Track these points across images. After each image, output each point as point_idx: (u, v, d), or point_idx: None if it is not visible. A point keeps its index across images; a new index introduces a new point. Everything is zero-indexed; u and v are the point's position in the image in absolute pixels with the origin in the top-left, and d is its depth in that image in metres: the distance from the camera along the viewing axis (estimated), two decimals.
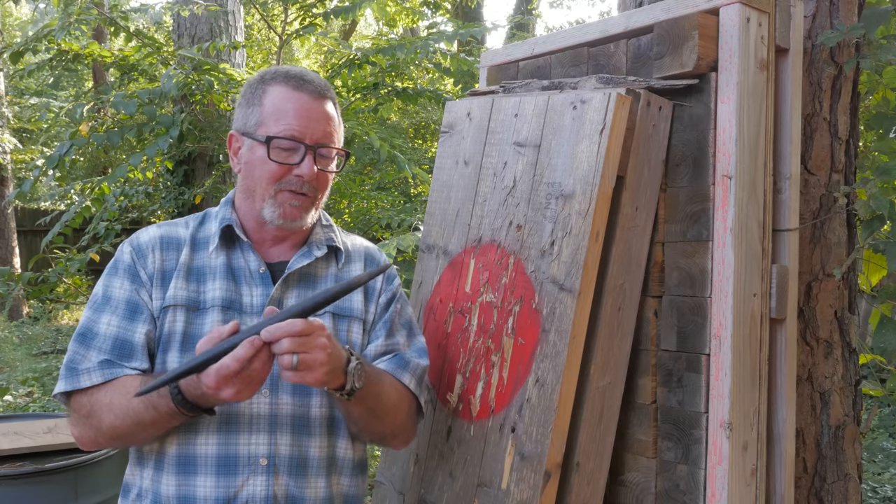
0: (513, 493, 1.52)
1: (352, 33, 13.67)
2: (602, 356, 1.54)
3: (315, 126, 1.43)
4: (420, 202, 6.18)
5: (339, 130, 1.51)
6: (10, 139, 10.20)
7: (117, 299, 1.43)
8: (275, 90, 1.44)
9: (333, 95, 1.51)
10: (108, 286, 1.45)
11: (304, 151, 1.42)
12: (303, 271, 1.49)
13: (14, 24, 18.42)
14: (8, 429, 2.56)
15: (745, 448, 1.47)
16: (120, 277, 1.44)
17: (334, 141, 1.47)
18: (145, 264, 1.44)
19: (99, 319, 1.42)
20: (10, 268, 6.07)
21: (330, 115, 1.47)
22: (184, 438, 1.39)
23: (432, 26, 6.29)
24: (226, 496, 1.37)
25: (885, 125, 1.95)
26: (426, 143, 10.07)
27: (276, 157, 1.42)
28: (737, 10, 1.46)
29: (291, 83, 1.45)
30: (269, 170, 1.42)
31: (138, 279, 1.44)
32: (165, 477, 1.39)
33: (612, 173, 1.49)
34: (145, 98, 4.31)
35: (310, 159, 1.42)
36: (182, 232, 1.50)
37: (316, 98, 1.45)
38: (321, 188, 1.48)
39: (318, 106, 1.45)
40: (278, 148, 1.41)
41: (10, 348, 8.23)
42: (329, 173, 1.48)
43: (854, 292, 1.84)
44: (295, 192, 1.43)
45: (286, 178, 1.42)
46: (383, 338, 1.54)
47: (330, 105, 1.48)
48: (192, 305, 1.42)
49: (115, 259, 1.48)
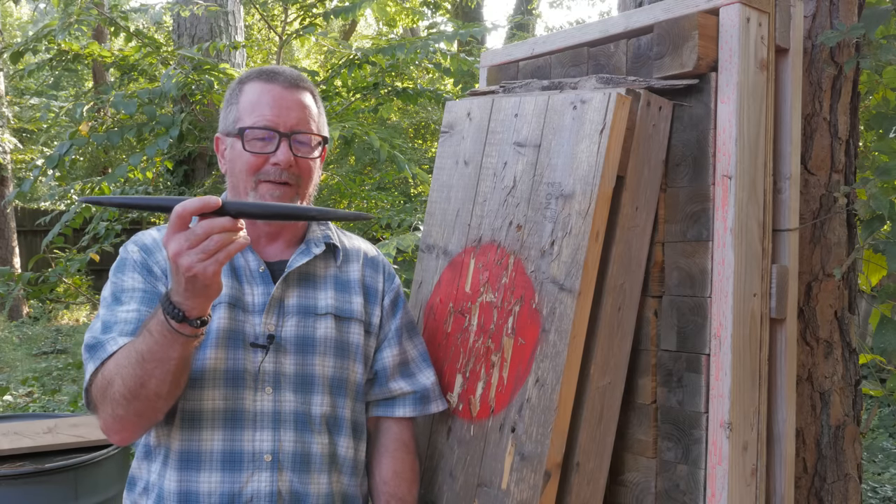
0: (513, 493, 1.52)
1: (352, 33, 13.67)
2: (602, 356, 1.54)
3: (288, 114, 1.44)
4: (420, 202, 6.17)
5: (317, 119, 1.50)
6: (10, 139, 10.20)
7: (132, 289, 1.41)
8: (249, 87, 1.47)
9: (310, 87, 1.52)
10: (121, 281, 1.43)
11: (279, 139, 1.42)
12: (302, 270, 1.50)
13: (14, 24, 18.41)
14: (8, 429, 2.56)
15: (745, 448, 1.47)
16: (130, 272, 1.43)
17: (310, 127, 1.47)
18: (157, 260, 1.45)
19: (116, 312, 1.38)
20: (10, 268, 6.07)
21: (304, 103, 1.47)
22: (188, 434, 1.39)
23: (432, 26, 6.29)
24: (230, 492, 1.37)
25: (885, 125, 1.95)
26: (426, 143, 10.07)
27: (251, 147, 1.43)
28: (737, 10, 1.46)
29: (263, 77, 1.48)
30: (247, 161, 1.43)
31: (152, 273, 1.43)
32: (170, 472, 1.39)
33: (612, 173, 1.49)
34: (145, 98, 4.31)
35: (285, 146, 1.42)
36: None
37: (287, 87, 1.46)
38: (304, 176, 1.47)
39: (291, 95, 1.46)
40: (253, 139, 1.43)
41: (10, 348, 8.23)
42: (309, 160, 1.47)
43: (854, 292, 1.84)
44: (274, 182, 1.43)
45: (264, 168, 1.43)
46: (397, 347, 1.59)
47: (305, 95, 1.49)
48: None
49: (122, 258, 1.47)
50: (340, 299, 1.52)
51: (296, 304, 1.47)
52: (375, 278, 1.60)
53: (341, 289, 1.53)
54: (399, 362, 1.60)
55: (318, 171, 1.53)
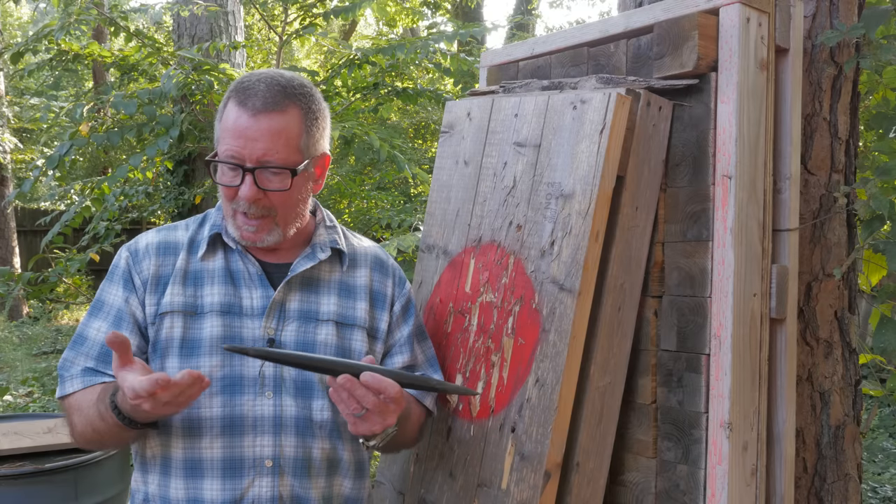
0: (513, 493, 1.52)
1: (352, 33, 13.67)
2: (602, 356, 1.54)
3: (253, 146, 1.33)
4: (420, 202, 6.17)
5: (294, 143, 1.37)
6: (11, 139, 10.20)
7: (109, 305, 1.45)
8: (228, 107, 1.38)
9: (295, 101, 1.38)
10: (104, 291, 1.47)
11: (243, 173, 1.35)
12: (306, 275, 1.48)
13: (14, 24, 18.42)
14: (8, 429, 2.56)
15: (745, 448, 1.47)
16: (115, 284, 1.47)
17: (280, 157, 1.35)
18: (140, 269, 1.45)
19: (90, 324, 1.45)
20: (10, 268, 6.07)
21: (276, 130, 1.34)
22: (189, 442, 1.39)
23: (432, 26, 6.29)
24: (232, 498, 1.37)
25: (885, 125, 1.95)
26: (426, 143, 10.06)
27: (220, 179, 1.39)
28: (737, 10, 1.46)
29: (238, 98, 1.36)
30: (223, 190, 1.40)
31: (130, 285, 1.45)
32: (174, 481, 1.39)
33: (612, 173, 1.49)
34: (145, 98, 4.31)
35: (249, 181, 1.34)
36: (181, 236, 1.49)
37: (256, 114, 1.34)
38: (278, 205, 1.39)
39: (259, 123, 1.33)
40: (222, 171, 1.39)
41: (10, 348, 8.23)
42: (281, 192, 1.37)
43: (854, 292, 1.84)
44: (246, 214, 1.39)
45: (236, 199, 1.38)
46: (409, 354, 1.58)
47: (281, 118, 1.35)
48: (189, 311, 1.42)
49: (113, 264, 1.50)
50: (344, 305, 1.49)
51: (297, 309, 1.45)
52: (384, 283, 1.57)
53: (345, 294, 1.51)
54: (410, 365, 1.59)
55: (301, 193, 1.43)
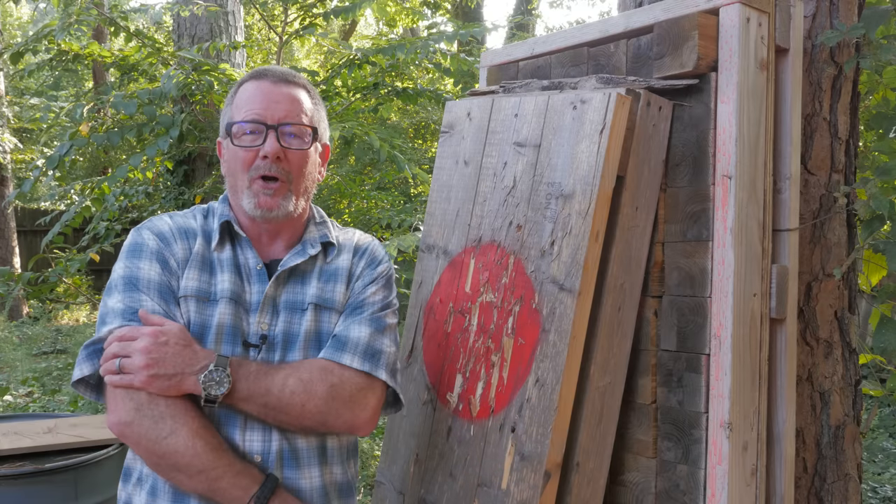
0: (513, 493, 1.52)
1: (352, 33, 13.67)
2: (602, 356, 1.54)
3: (276, 107, 1.44)
4: (420, 202, 6.17)
5: (310, 113, 1.49)
6: (11, 139, 10.20)
7: (149, 280, 1.40)
8: (242, 88, 1.49)
9: (304, 84, 1.51)
10: (135, 268, 1.42)
11: (266, 131, 1.43)
12: (292, 268, 1.49)
13: (14, 24, 18.42)
14: (8, 429, 2.56)
15: (745, 448, 1.47)
16: (147, 260, 1.42)
17: (300, 119, 1.46)
18: (173, 252, 1.45)
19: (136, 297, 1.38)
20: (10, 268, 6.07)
21: (294, 97, 1.47)
22: None
23: (432, 26, 6.29)
24: None
25: (885, 125, 1.95)
26: (426, 143, 10.06)
27: (240, 142, 1.44)
28: (737, 10, 1.46)
29: (255, 76, 1.49)
30: (240, 158, 1.44)
31: (168, 266, 1.43)
32: (161, 481, 1.39)
33: (612, 173, 1.49)
34: (145, 98, 4.31)
35: (272, 138, 1.42)
36: (193, 223, 1.51)
37: (276, 82, 1.46)
38: (294, 170, 1.46)
39: (280, 89, 1.46)
40: (242, 133, 1.44)
41: (10, 348, 8.23)
42: (299, 151, 1.46)
43: (854, 292, 1.84)
44: (266, 177, 1.43)
45: (256, 163, 1.43)
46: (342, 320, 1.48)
47: (297, 89, 1.48)
48: (202, 296, 1.42)
49: (136, 243, 1.45)
50: (324, 289, 1.50)
51: (284, 301, 1.47)
52: (357, 264, 1.56)
53: (326, 279, 1.51)
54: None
55: (313, 165, 1.50)
